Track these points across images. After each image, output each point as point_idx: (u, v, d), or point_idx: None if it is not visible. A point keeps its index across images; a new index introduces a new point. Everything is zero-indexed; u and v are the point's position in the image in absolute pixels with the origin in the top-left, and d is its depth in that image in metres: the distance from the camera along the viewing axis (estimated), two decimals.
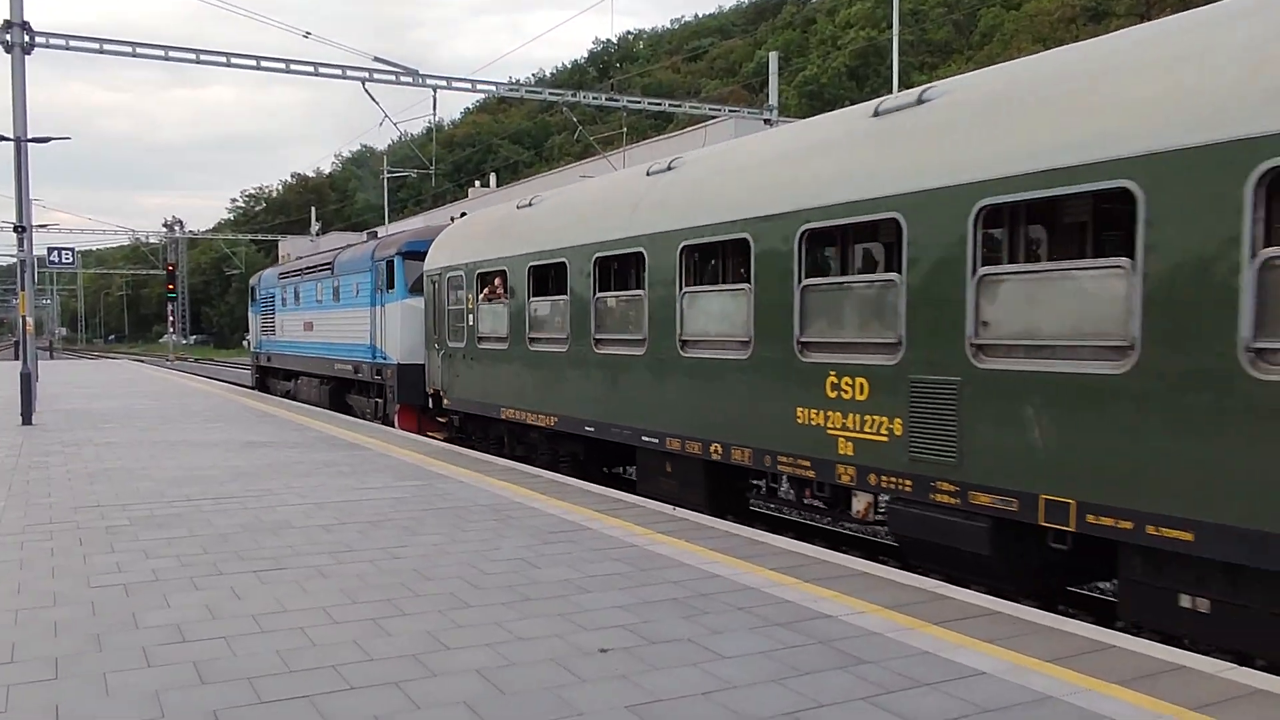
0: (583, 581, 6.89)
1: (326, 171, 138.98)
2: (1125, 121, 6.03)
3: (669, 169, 11.27)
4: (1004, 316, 6.83)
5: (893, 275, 7.66)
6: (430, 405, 17.79)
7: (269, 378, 31.98)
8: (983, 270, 6.97)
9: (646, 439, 10.85)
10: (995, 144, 6.82)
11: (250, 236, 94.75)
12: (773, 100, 31.24)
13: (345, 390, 24.26)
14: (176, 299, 68.82)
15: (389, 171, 68.26)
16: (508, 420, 14.30)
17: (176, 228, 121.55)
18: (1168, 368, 5.74)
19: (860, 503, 8.42)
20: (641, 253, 10.86)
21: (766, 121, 30.84)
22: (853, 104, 10.52)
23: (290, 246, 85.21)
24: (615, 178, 13.11)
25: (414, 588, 6.77)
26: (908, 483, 7.42)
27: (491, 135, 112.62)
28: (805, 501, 9.07)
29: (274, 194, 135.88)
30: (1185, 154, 5.67)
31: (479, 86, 29.17)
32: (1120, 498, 5.94)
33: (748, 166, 9.59)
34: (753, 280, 9.10)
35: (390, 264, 21.19)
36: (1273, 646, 5.38)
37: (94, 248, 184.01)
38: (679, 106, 33.31)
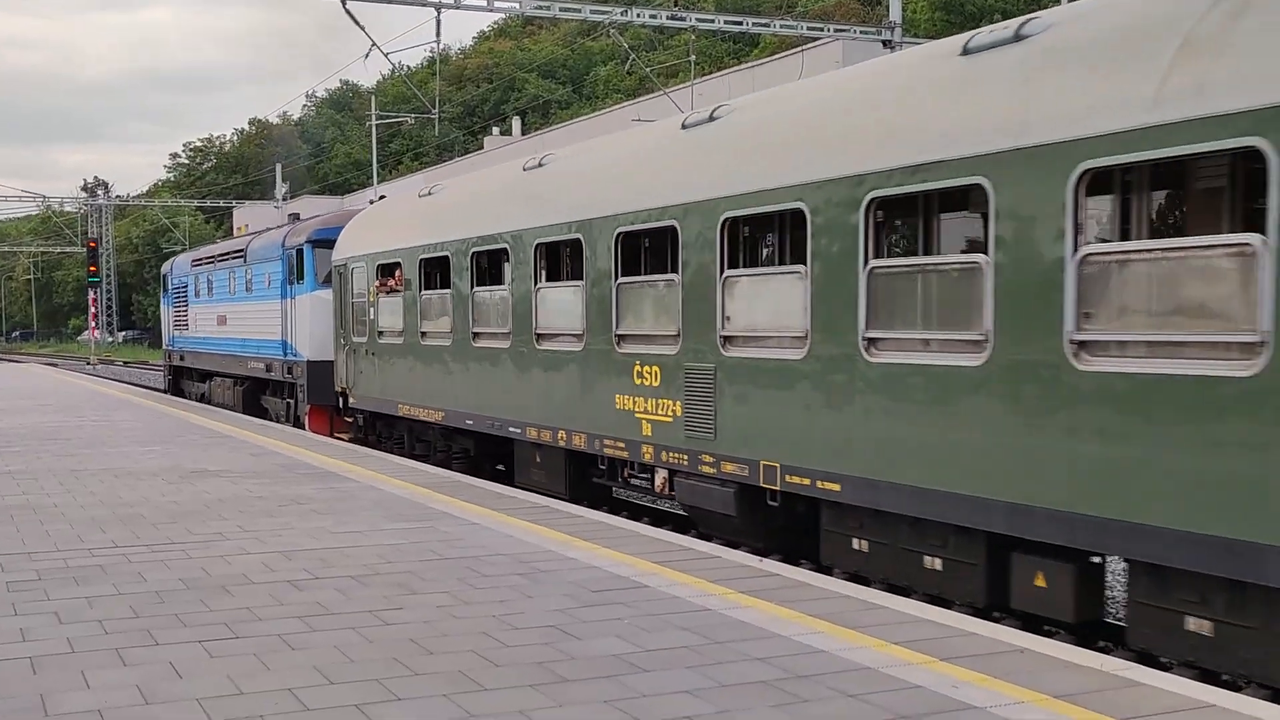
0: (638, 658, 6.85)
1: (295, 117, 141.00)
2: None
3: (541, 165, 15.01)
4: (738, 312, 10.78)
5: (673, 275, 11.66)
6: (340, 405, 21.35)
7: (182, 379, 36.19)
8: (727, 272, 10.91)
9: (513, 430, 14.74)
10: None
11: (196, 202, 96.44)
12: (894, 14, 30.91)
13: (260, 392, 27.80)
14: (100, 284, 70.12)
15: (379, 116, 69.10)
16: (406, 418, 17.99)
17: (99, 192, 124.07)
18: (824, 353, 9.94)
19: (659, 478, 12.56)
20: (506, 249, 14.73)
21: (886, 44, 30.58)
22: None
23: (248, 215, 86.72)
24: (502, 173, 16.84)
25: (411, 664, 6.77)
26: (684, 457, 11.71)
27: (514, 68, 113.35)
28: (623, 480, 13.13)
29: (227, 146, 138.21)
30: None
31: (496, 4, 29.34)
32: (810, 460, 10.06)
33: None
34: (584, 277, 12.92)
35: (300, 253, 24.62)
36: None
37: None
38: (766, 26, 33.23)
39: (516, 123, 77.89)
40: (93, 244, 62.20)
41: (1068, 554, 8.28)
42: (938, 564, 9.34)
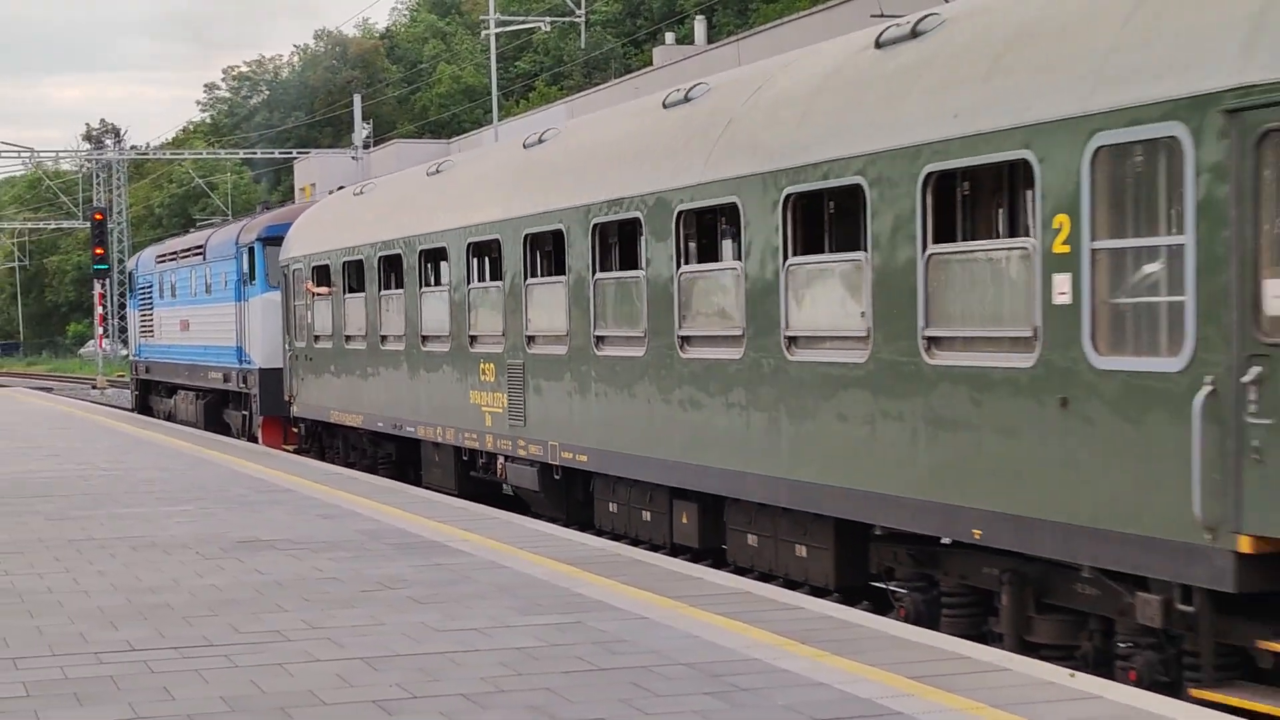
0: None
1: (382, 27, 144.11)
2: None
3: (439, 171, 23.74)
4: (535, 315, 18.58)
5: (497, 283, 19.47)
6: (289, 415, 30.13)
7: (150, 394, 45.09)
8: (529, 280, 18.66)
9: (409, 429, 23.02)
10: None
11: (242, 153, 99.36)
12: None
13: (223, 405, 35.50)
14: (110, 273, 72.41)
15: (500, 22, 70.13)
16: (337, 424, 26.87)
17: (108, 141, 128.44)
18: (578, 347, 17.66)
19: (498, 464, 20.21)
20: (401, 254, 23.13)
21: None
22: None
23: (315, 170, 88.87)
24: (411, 178, 25.54)
25: None
26: (508, 443, 18.92)
27: None
28: (472, 475, 21.38)
29: (284, 73, 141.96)
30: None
31: None
32: (573, 438, 17.82)
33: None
34: (450, 285, 21.15)
35: (251, 251, 32.22)
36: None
37: None
38: None
39: (700, 25, 78.08)
40: (99, 215, 64.25)
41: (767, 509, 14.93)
42: (646, 516, 17.35)
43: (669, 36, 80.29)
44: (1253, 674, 9.93)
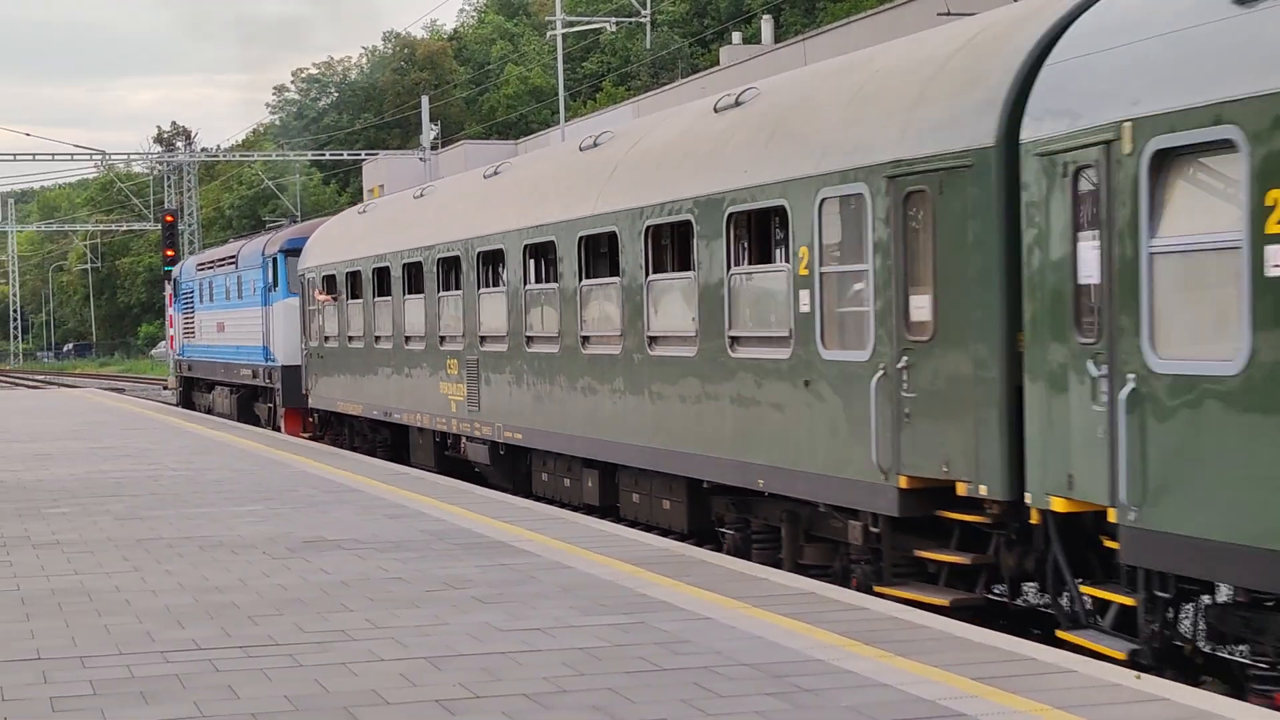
0: None
1: (449, 28, 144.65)
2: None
3: (422, 195, 29.20)
4: (485, 318, 23.54)
5: (459, 292, 24.67)
6: (307, 406, 35.27)
7: (193, 390, 50.94)
8: (480, 290, 23.73)
9: (396, 416, 27.66)
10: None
11: (310, 154, 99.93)
12: None
13: (254, 399, 41.06)
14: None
15: (566, 24, 70.26)
16: (343, 413, 31.73)
17: (179, 144, 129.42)
18: (514, 346, 22.53)
19: (462, 444, 24.97)
20: (388, 267, 28.05)
21: None
22: None
23: (383, 172, 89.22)
24: (399, 200, 31.17)
25: None
26: (467, 424, 23.94)
27: None
28: (445, 454, 26.13)
29: (353, 74, 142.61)
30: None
31: None
32: (515, 421, 22.40)
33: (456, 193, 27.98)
34: (425, 291, 26.21)
35: (275, 261, 37.92)
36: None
37: (37, 185, 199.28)
38: None
39: (766, 24, 77.94)
40: (170, 218, 64.79)
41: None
42: (567, 482, 21.29)
43: (736, 36, 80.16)
44: (924, 577, 13.83)
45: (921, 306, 13.27)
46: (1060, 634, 11.98)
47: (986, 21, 14.11)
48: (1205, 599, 11.24)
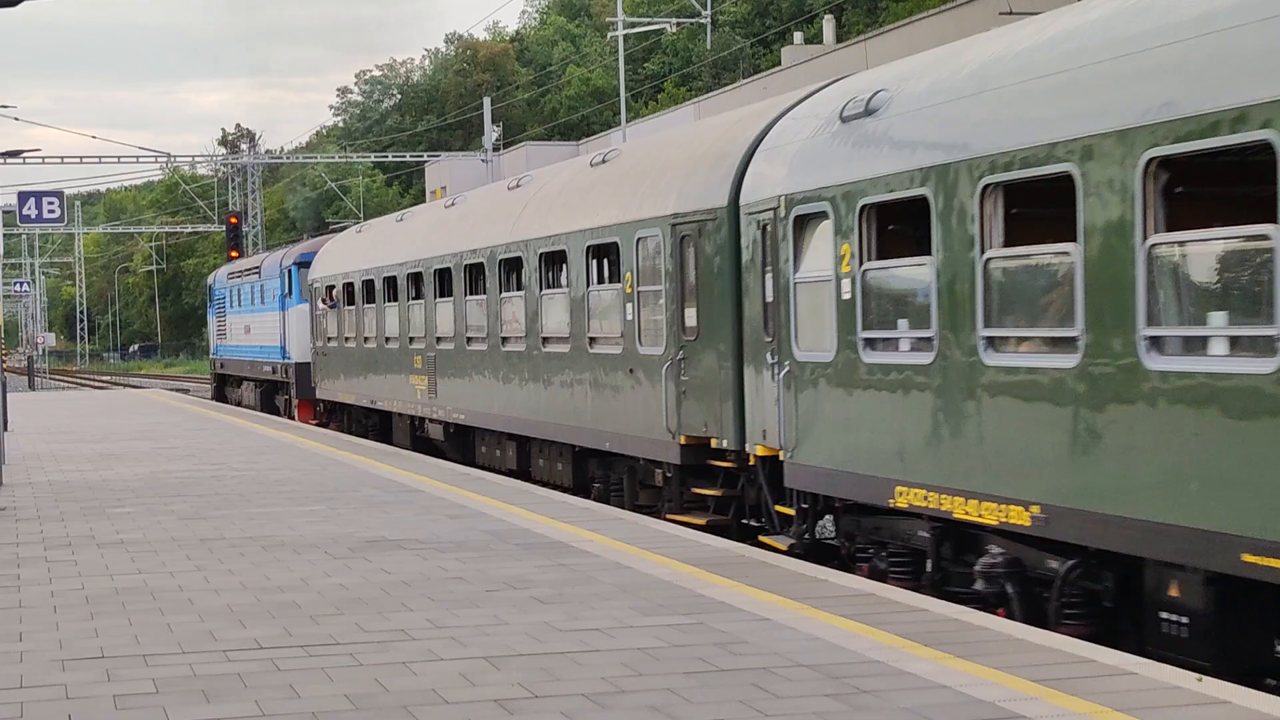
0: None
1: (511, 30, 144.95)
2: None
3: (402, 220, 37.43)
4: (439, 323, 30.29)
5: (419, 301, 31.56)
6: (315, 397, 42.03)
7: (225, 386, 58.49)
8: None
9: (380, 404, 34.53)
10: None
11: (374, 156, 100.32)
12: None
13: (274, 393, 47.94)
14: None
15: (627, 25, 70.23)
16: (342, 403, 37.98)
17: (243, 146, 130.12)
18: (461, 346, 28.99)
19: (425, 425, 31.82)
20: (373, 280, 35.33)
21: None
22: None
23: (445, 173, 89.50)
24: (387, 222, 39.05)
25: None
26: (429, 409, 30.76)
27: None
28: (417, 435, 32.64)
29: (416, 76, 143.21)
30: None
31: None
32: (461, 405, 28.86)
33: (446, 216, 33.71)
34: (399, 303, 33.39)
35: (290, 272, 45.20)
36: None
37: (103, 188, 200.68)
38: None
39: (829, 24, 77.77)
40: (234, 220, 65.26)
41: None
42: (497, 454, 26.73)
43: (797, 36, 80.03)
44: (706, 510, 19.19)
45: (691, 316, 18.89)
46: (761, 539, 17.15)
47: (736, 118, 20.60)
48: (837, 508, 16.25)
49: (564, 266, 23.32)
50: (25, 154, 56.36)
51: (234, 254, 64.20)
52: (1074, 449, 11.84)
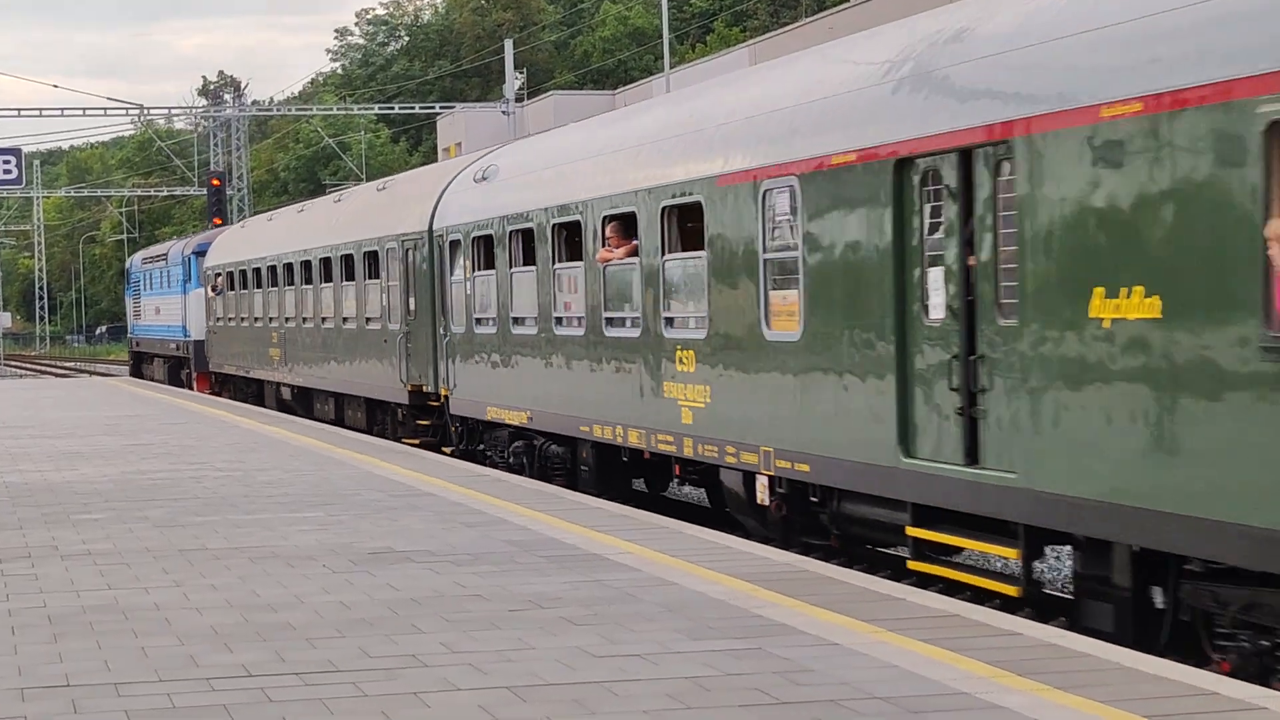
0: None
1: None
2: None
3: (303, 211, 50.28)
4: (288, 306, 46.02)
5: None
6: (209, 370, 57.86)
7: (141, 363, 73.41)
8: (285, 287, 47.67)
9: (254, 373, 49.85)
10: None
11: (377, 108, 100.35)
12: None
13: (179, 368, 61.83)
14: None
15: None
16: (228, 373, 53.56)
17: (227, 96, 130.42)
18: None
19: (281, 390, 47.53)
20: (260, 268, 49.66)
21: None
22: None
23: (460, 128, 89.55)
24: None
25: None
26: (284, 375, 45.78)
27: None
28: (280, 399, 48.78)
29: (425, 15, 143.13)
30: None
31: None
32: (304, 371, 44.24)
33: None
34: (263, 288, 49.70)
35: (188, 260, 60.05)
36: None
37: (66, 144, 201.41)
38: None
39: None
40: (216, 182, 65.44)
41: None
42: (327, 409, 41.10)
43: None
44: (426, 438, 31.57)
45: (412, 303, 31.66)
46: (443, 448, 29.40)
47: (440, 170, 35.02)
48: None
49: (352, 266, 36.88)
50: None
51: (217, 221, 64.60)
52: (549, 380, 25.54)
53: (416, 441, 31.08)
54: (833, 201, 16.81)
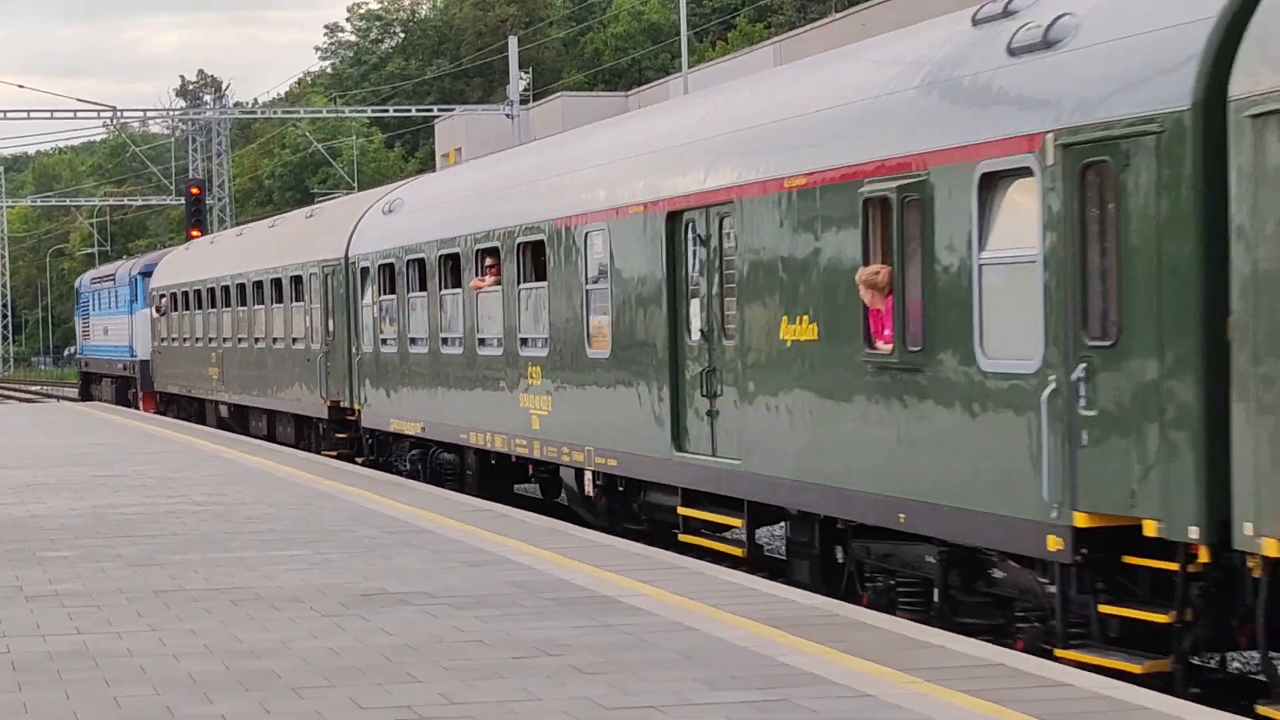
0: None
1: None
2: None
3: (241, 234, 61.27)
4: (225, 327, 53.99)
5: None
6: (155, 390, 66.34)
7: (90, 384, 79.64)
8: (223, 309, 54.93)
9: (195, 392, 57.48)
10: None
11: (370, 109, 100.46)
12: None
13: (126, 388, 69.11)
14: None
15: None
16: (172, 392, 60.52)
17: (207, 97, 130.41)
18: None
19: (220, 408, 54.95)
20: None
21: None
22: None
23: (459, 132, 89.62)
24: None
25: None
26: (223, 394, 52.66)
27: None
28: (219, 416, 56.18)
29: (423, 10, 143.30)
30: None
31: None
32: (240, 389, 52.24)
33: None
34: (203, 309, 58.55)
35: (135, 280, 68.26)
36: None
37: (31, 149, 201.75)
38: None
39: None
40: (195, 190, 65.54)
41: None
42: (260, 426, 47.69)
43: None
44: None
45: (331, 326, 37.65)
46: (357, 458, 36.15)
47: (355, 203, 41.11)
48: None
49: (281, 289, 42.52)
50: None
51: (195, 233, 64.61)
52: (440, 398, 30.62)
53: (335, 454, 36.55)
54: (629, 243, 22.51)
